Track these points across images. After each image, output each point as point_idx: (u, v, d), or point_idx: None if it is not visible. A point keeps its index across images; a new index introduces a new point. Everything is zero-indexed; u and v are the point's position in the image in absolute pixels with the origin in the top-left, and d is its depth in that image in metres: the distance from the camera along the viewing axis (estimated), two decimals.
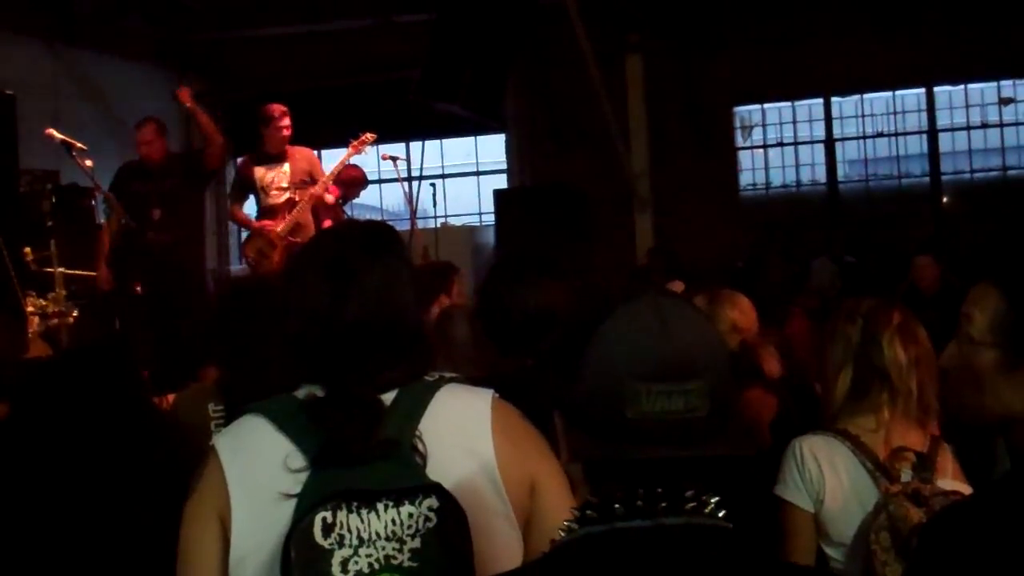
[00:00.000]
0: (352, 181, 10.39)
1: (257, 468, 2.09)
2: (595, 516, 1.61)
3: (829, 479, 3.25)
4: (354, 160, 10.08)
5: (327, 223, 9.52)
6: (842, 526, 3.22)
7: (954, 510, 2.28)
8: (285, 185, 9.41)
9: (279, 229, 9.31)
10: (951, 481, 3.17)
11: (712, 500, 1.62)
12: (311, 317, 2.18)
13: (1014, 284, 2.49)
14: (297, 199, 9.38)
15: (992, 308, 2.48)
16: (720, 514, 1.62)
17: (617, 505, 1.60)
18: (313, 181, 9.44)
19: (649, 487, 1.60)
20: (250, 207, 9.98)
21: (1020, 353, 2.36)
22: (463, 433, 2.16)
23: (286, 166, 9.43)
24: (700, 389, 1.60)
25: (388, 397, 2.14)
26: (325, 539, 1.91)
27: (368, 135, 9.63)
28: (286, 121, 9.42)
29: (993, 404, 2.46)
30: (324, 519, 1.92)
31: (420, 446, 2.07)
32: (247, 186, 9.68)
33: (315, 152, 10.01)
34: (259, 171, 9.50)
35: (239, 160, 10.07)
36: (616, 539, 1.59)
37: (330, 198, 9.56)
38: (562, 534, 1.65)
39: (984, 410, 2.57)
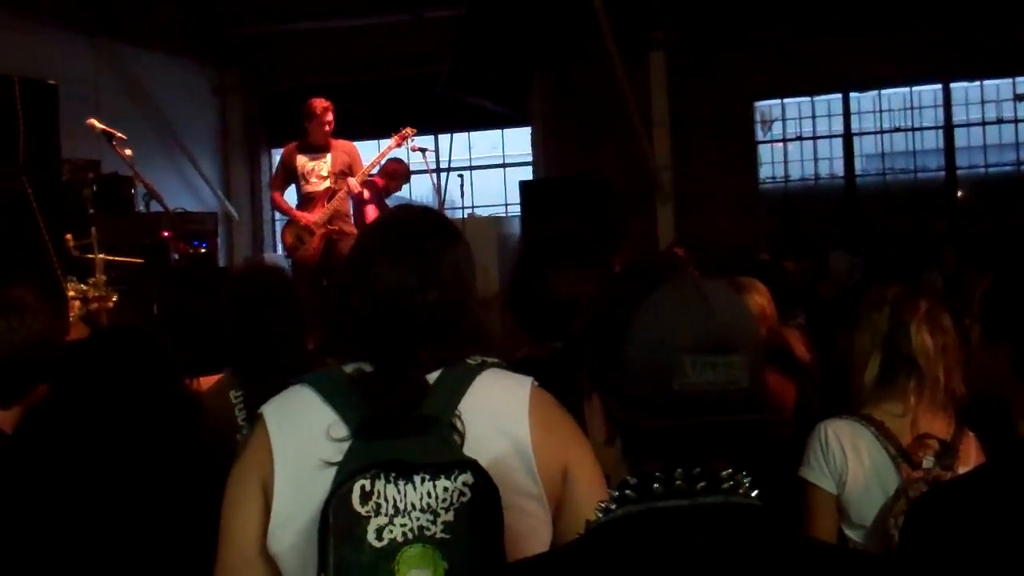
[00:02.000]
0: (395, 174, 10.62)
1: (301, 436, 2.12)
2: (634, 496, 1.65)
3: (852, 463, 3.29)
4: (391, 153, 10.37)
5: (370, 211, 9.83)
6: (863, 509, 3.28)
7: (941, 490, 2.40)
8: (325, 174, 9.66)
9: (316, 218, 9.58)
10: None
11: (746, 480, 1.66)
12: (388, 298, 2.21)
13: (1003, 264, 2.56)
14: (336, 188, 9.64)
15: (986, 287, 2.51)
16: (753, 494, 1.66)
17: (656, 485, 1.63)
18: (351, 173, 9.66)
19: (688, 465, 1.64)
20: (290, 194, 10.15)
21: (994, 328, 2.39)
22: (501, 416, 2.18)
23: (328, 156, 9.68)
24: (741, 362, 1.63)
25: (432, 376, 2.17)
26: (362, 506, 1.96)
27: (408, 129, 9.87)
28: (329, 116, 9.65)
29: (976, 374, 2.57)
30: (363, 487, 1.96)
31: (459, 424, 2.10)
32: (289, 173, 9.89)
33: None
34: (301, 159, 9.74)
35: (283, 148, 10.20)
36: (655, 518, 1.62)
37: (356, 187, 9.75)
38: (599, 514, 1.68)
39: (972, 379, 2.67)
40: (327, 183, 9.68)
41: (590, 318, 1.81)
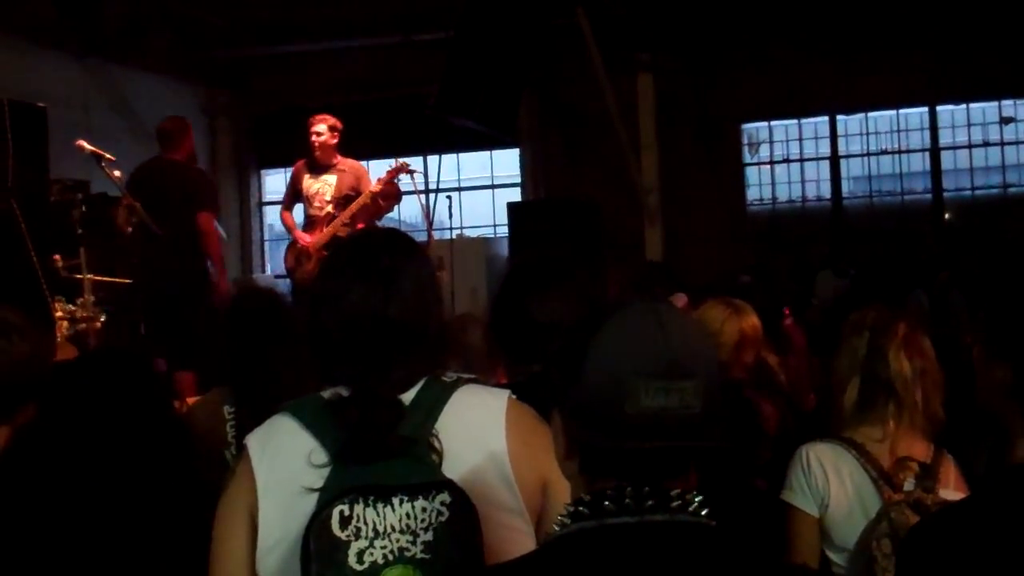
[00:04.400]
0: (386, 195, 10.62)
1: (283, 464, 2.18)
2: (587, 512, 1.71)
3: (834, 485, 3.30)
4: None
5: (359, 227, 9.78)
6: (845, 531, 3.28)
7: (937, 517, 2.41)
8: (329, 198, 9.54)
9: (313, 241, 9.48)
10: (953, 491, 3.22)
11: (696, 499, 1.71)
12: (353, 315, 2.26)
13: (1005, 286, 2.54)
14: (336, 214, 9.50)
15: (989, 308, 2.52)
16: (703, 512, 1.70)
17: (607, 502, 1.69)
18: (358, 194, 9.52)
19: (638, 485, 1.69)
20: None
21: (995, 349, 2.39)
22: (478, 432, 2.23)
23: (333, 178, 9.57)
24: (695, 388, 1.67)
25: (409, 396, 2.23)
26: (342, 531, 2.00)
27: (403, 163, 9.77)
28: (319, 133, 9.54)
29: (980, 394, 2.50)
30: (342, 512, 2.00)
31: (436, 444, 2.15)
32: (296, 192, 9.81)
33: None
34: (307, 180, 9.64)
35: (294, 165, 10.03)
36: (605, 534, 1.68)
37: (377, 186, 9.66)
38: (556, 528, 1.73)
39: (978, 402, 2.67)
40: (329, 208, 9.55)
41: (564, 340, 1.85)
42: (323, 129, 9.56)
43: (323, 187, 9.59)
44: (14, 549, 2.89)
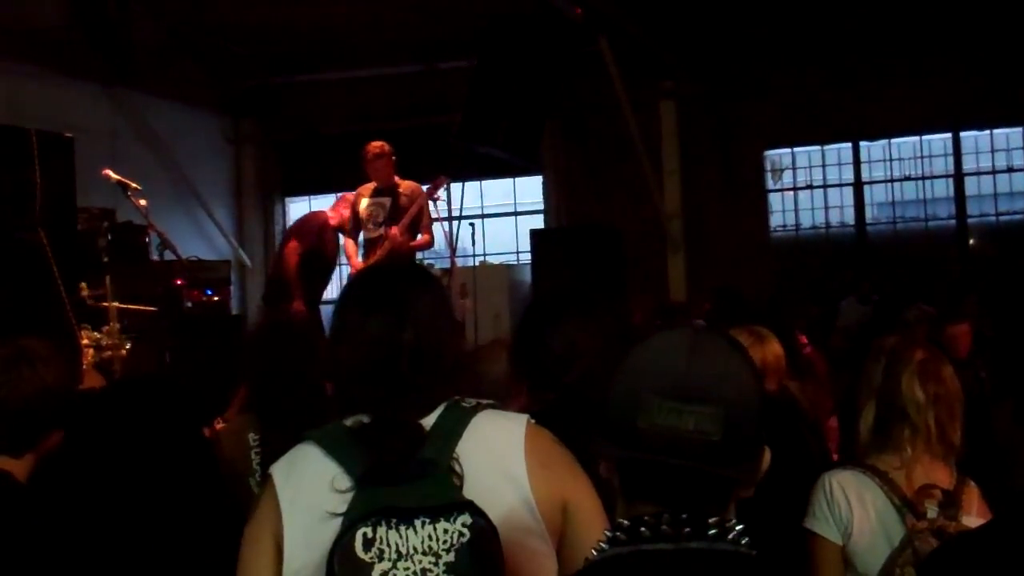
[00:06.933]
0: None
1: (307, 490, 2.21)
2: (624, 538, 1.70)
3: (857, 513, 3.29)
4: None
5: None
6: (869, 560, 3.25)
7: (956, 544, 2.42)
8: (381, 221, 9.52)
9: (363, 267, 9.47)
10: (976, 518, 3.19)
11: (736, 527, 1.69)
12: (371, 344, 2.32)
13: (1008, 322, 2.55)
14: (386, 236, 9.44)
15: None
16: (743, 541, 1.68)
17: (643, 528, 1.68)
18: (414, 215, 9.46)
19: (676, 511, 1.68)
20: None
21: (1000, 383, 2.41)
22: (498, 455, 2.26)
23: (388, 201, 9.55)
24: (713, 415, 1.66)
25: (429, 421, 2.26)
26: (366, 553, 2.02)
27: (442, 178, 9.72)
28: (376, 159, 9.57)
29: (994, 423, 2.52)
30: (365, 535, 2.03)
31: (457, 467, 2.17)
32: (355, 217, 9.80)
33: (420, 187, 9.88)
34: (363, 204, 9.65)
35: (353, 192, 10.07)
36: (642, 560, 1.67)
37: (397, 236, 9.53)
38: (594, 553, 1.73)
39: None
40: (381, 230, 9.56)
41: (594, 366, 1.82)
42: (374, 156, 9.59)
43: (376, 210, 9.58)
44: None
